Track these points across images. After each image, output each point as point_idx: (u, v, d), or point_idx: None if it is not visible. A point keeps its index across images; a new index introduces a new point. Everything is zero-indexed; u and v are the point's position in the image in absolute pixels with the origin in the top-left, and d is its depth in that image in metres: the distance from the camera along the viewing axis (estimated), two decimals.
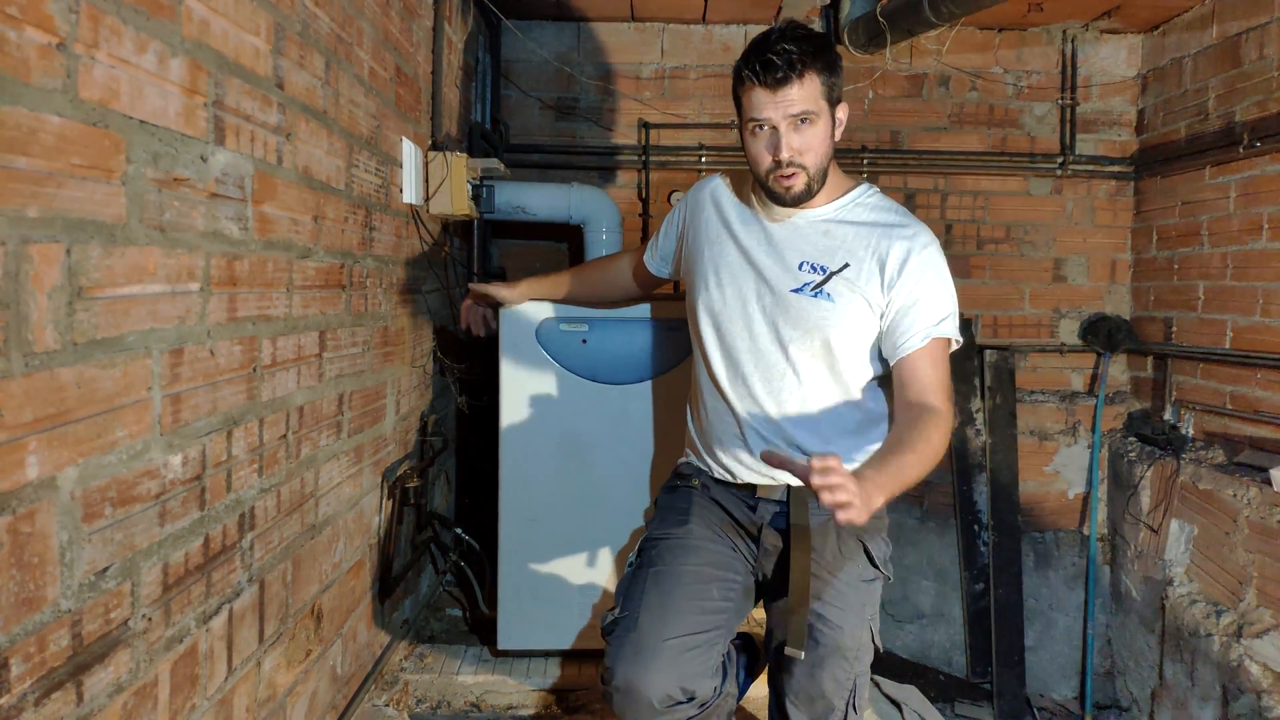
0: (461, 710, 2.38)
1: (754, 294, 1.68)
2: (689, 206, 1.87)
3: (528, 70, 3.74)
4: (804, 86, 1.54)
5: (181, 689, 1.31)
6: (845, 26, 3.62)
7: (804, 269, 1.64)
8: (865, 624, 1.69)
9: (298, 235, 1.67)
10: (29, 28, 0.95)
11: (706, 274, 1.75)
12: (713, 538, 1.73)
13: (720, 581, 1.69)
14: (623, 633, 1.61)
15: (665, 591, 1.64)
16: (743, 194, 1.78)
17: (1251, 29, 3.16)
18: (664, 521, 1.78)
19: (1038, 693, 3.82)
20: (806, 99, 1.54)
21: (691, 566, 1.68)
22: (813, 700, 1.69)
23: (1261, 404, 3.10)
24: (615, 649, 1.60)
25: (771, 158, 1.58)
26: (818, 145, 1.58)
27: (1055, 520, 3.90)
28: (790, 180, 1.59)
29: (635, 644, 1.58)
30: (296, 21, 1.62)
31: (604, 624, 1.67)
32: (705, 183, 1.87)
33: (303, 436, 1.73)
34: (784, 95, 1.53)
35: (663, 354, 2.37)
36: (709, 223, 1.80)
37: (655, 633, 1.58)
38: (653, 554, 1.72)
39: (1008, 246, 3.89)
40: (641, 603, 1.63)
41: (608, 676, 1.60)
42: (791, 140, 1.56)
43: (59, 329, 1.01)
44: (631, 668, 1.56)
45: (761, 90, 1.54)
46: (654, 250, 2.00)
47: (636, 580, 1.69)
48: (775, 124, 1.55)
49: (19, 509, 0.96)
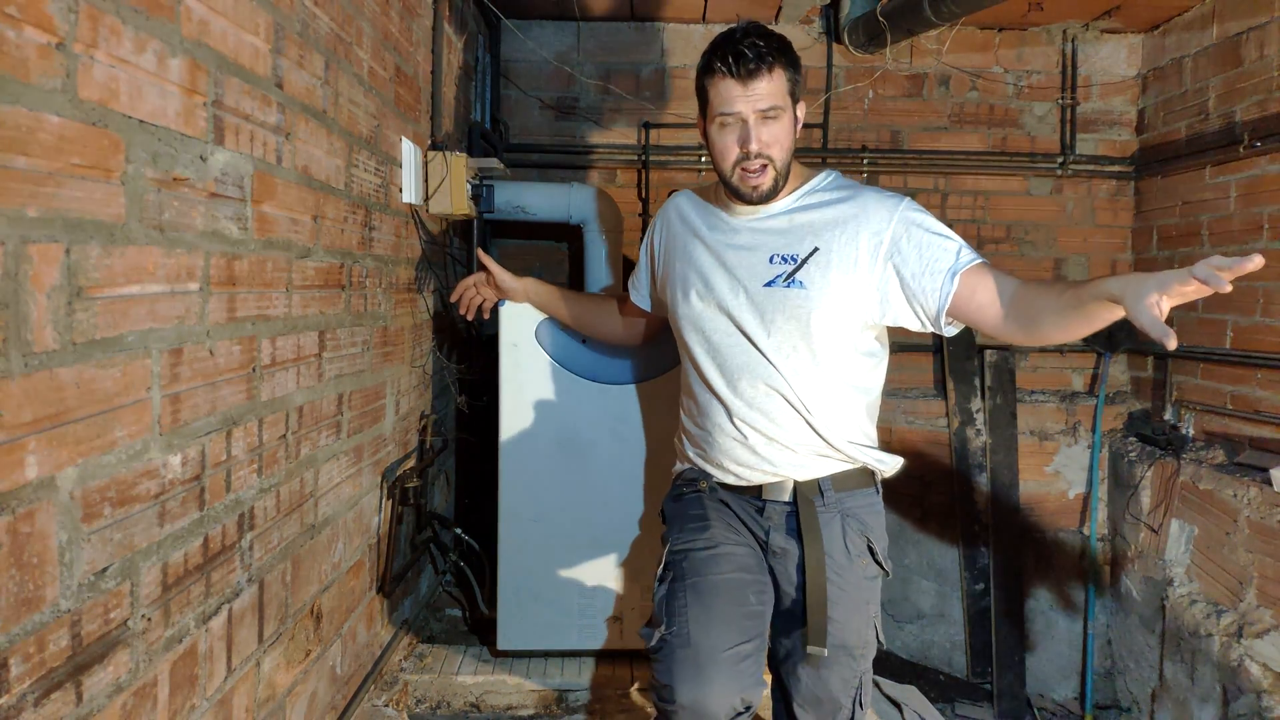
0: (461, 710, 2.38)
1: (730, 294, 1.68)
2: (656, 230, 1.90)
3: (528, 70, 3.74)
4: (772, 80, 1.57)
5: (181, 689, 1.31)
6: (845, 26, 3.62)
7: (775, 261, 1.65)
8: (869, 621, 1.70)
9: (297, 235, 1.66)
10: (28, 27, 0.94)
11: (686, 283, 1.76)
12: (736, 541, 1.72)
13: (753, 586, 1.68)
14: (675, 649, 1.59)
15: (708, 604, 1.63)
16: (708, 200, 1.81)
17: (1252, 29, 3.16)
18: (684, 530, 1.76)
19: (1038, 693, 3.82)
20: (774, 93, 1.58)
21: (727, 575, 1.67)
22: (820, 702, 1.69)
23: (1262, 404, 3.10)
24: (671, 668, 1.58)
25: (740, 149, 1.60)
26: (784, 139, 1.61)
27: (1055, 520, 3.90)
28: (757, 177, 1.61)
29: (694, 661, 1.56)
30: (296, 21, 1.61)
31: (650, 642, 1.65)
32: (669, 203, 1.89)
33: (302, 436, 1.73)
34: (754, 88, 1.56)
35: (662, 354, 2.37)
36: (677, 236, 1.82)
37: (710, 647, 1.57)
38: (685, 566, 1.69)
39: (1008, 246, 3.89)
40: (688, 617, 1.61)
41: (668, 694, 1.57)
42: (760, 133, 1.58)
43: (58, 329, 1.01)
44: (694, 686, 1.54)
45: (732, 82, 1.56)
46: (636, 286, 2.00)
47: (675, 595, 1.66)
48: (745, 117, 1.58)
49: (18, 509, 0.96)
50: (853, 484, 1.70)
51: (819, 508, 1.67)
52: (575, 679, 2.40)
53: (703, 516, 1.75)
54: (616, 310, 2.13)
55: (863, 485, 1.72)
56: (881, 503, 1.75)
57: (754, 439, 1.69)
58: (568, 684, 2.40)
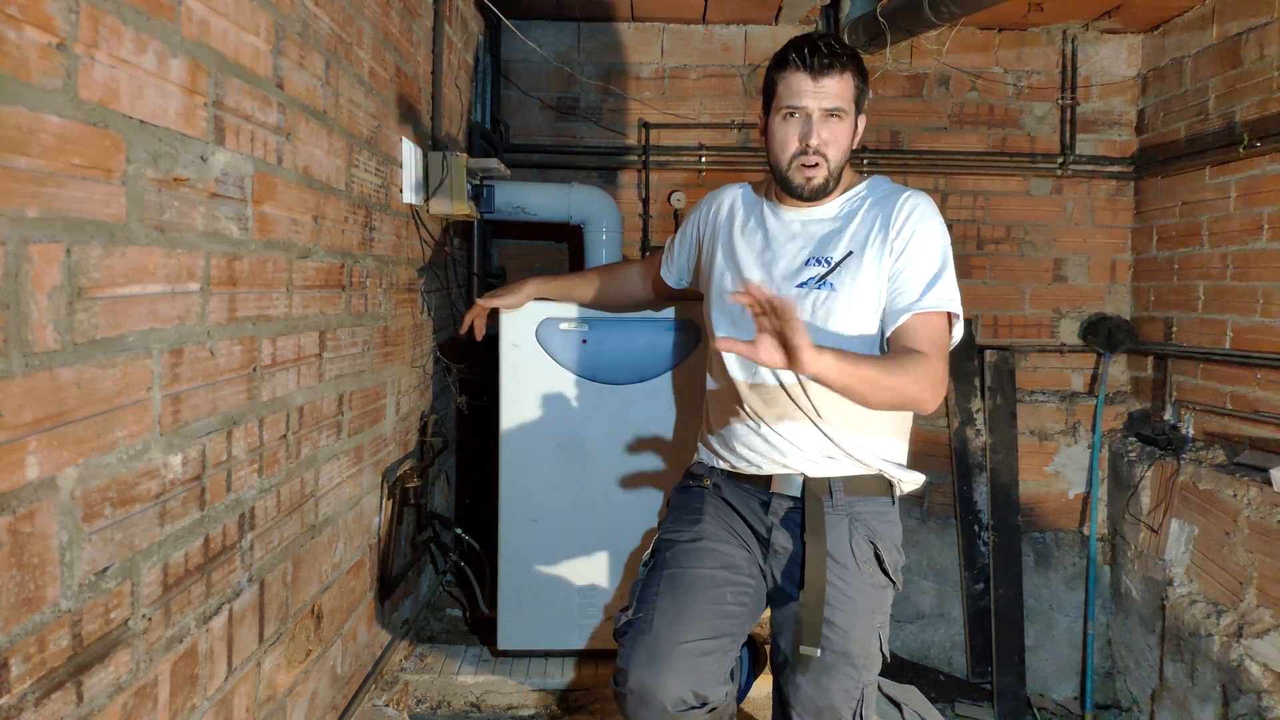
0: (461, 710, 2.38)
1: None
2: (704, 218, 1.92)
3: (528, 70, 3.74)
4: (842, 81, 1.61)
5: (181, 689, 1.31)
6: (845, 26, 3.62)
7: (810, 264, 1.68)
8: (874, 631, 1.67)
9: (298, 235, 1.66)
10: (29, 27, 0.94)
11: (723, 277, 1.79)
12: (726, 539, 1.73)
13: (734, 586, 1.68)
14: (636, 635, 1.61)
15: (680, 595, 1.64)
16: (759, 194, 1.84)
17: (1251, 29, 3.16)
18: (677, 521, 1.78)
19: (1038, 693, 3.82)
20: (842, 94, 1.62)
21: (706, 570, 1.68)
22: (820, 711, 1.66)
23: (1261, 404, 3.10)
24: (629, 651, 1.60)
25: (800, 142, 1.63)
26: (843, 140, 1.65)
27: (1055, 520, 3.91)
28: (812, 171, 1.64)
29: (650, 647, 1.58)
30: (296, 21, 1.61)
31: (617, 625, 1.67)
32: (720, 192, 1.91)
33: (303, 437, 1.73)
34: (823, 85, 1.60)
35: (662, 354, 2.37)
36: (724, 228, 1.84)
37: (670, 636, 1.58)
38: (667, 555, 1.72)
39: (1008, 246, 3.89)
40: (656, 605, 1.63)
41: (620, 679, 1.59)
42: (821, 130, 1.62)
43: (59, 329, 1.01)
44: (646, 672, 1.56)
45: (804, 75, 1.60)
46: (669, 264, 2.03)
47: (651, 582, 1.69)
48: (810, 112, 1.62)
49: (19, 509, 0.96)
50: (866, 490, 1.69)
51: (827, 508, 1.67)
52: (576, 679, 2.41)
53: (698, 510, 1.77)
54: (635, 276, 2.15)
55: (877, 493, 1.71)
56: (896, 514, 1.73)
57: (765, 429, 1.70)
58: (568, 684, 2.40)
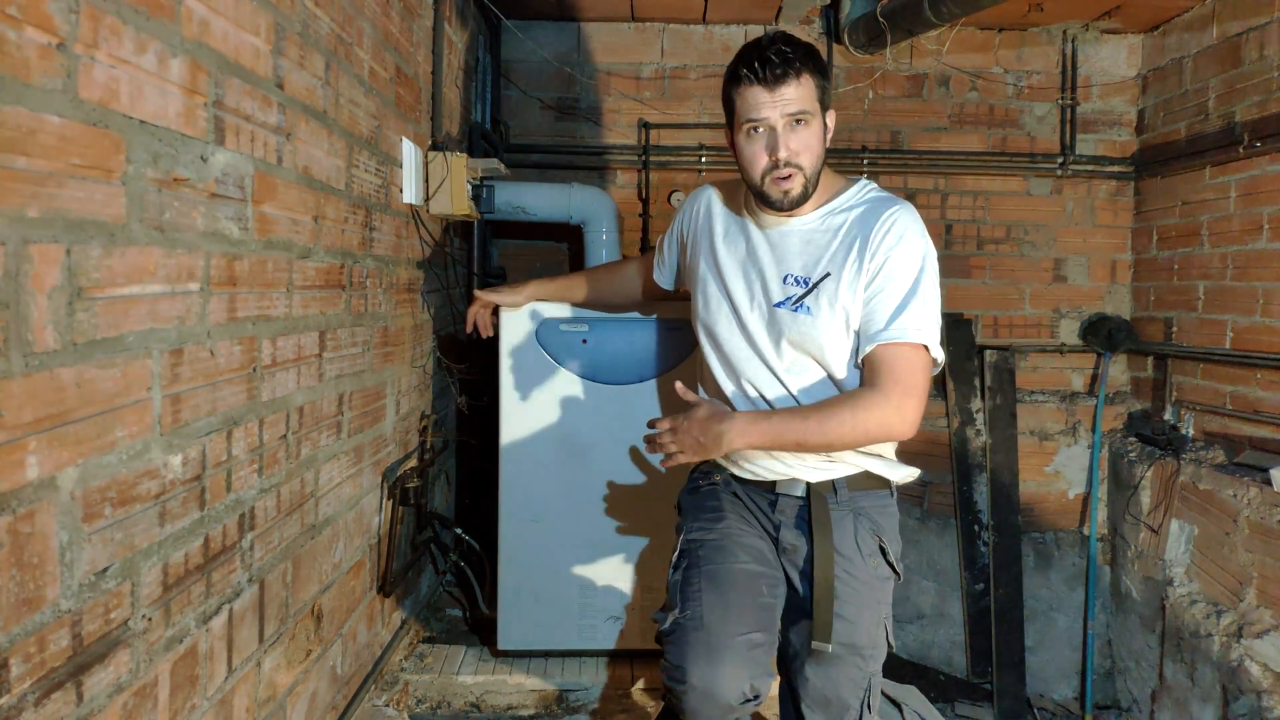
0: (461, 710, 2.38)
1: (745, 307, 1.69)
2: (686, 220, 1.89)
3: (528, 70, 3.74)
4: (800, 86, 1.54)
5: (181, 689, 1.31)
6: (845, 26, 3.62)
7: (788, 282, 1.64)
8: (880, 622, 1.70)
9: (298, 235, 1.66)
10: (29, 28, 0.95)
11: (706, 289, 1.77)
12: (750, 533, 1.74)
13: (766, 579, 1.70)
14: (689, 633, 1.60)
15: (723, 591, 1.64)
16: (733, 204, 1.78)
17: (1251, 29, 3.16)
18: (699, 520, 1.78)
19: (1038, 693, 3.82)
20: (803, 99, 1.55)
21: (740, 565, 1.68)
22: (829, 702, 1.69)
23: (1261, 404, 3.10)
24: (683, 650, 1.59)
25: (769, 158, 1.57)
26: (814, 146, 1.58)
27: (1055, 520, 3.90)
28: (787, 183, 1.58)
29: (707, 644, 1.58)
30: (296, 21, 1.61)
31: (663, 627, 1.66)
32: (697, 195, 1.87)
33: (303, 437, 1.73)
34: (781, 94, 1.54)
35: (662, 354, 2.37)
36: (703, 236, 1.81)
37: (724, 631, 1.58)
38: (699, 554, 1.71)
39: (1008, 246, 3.89)
40: (703, 602, 1.63)
41: (680, 675, 1.58)
42: (789, 140, 1.55)
43: (59, 329, 1.01)
44: (708, 668, 1.56)
45: (759, 88, 1.54)
46: (661, 267, 2.02)
47: (690, 582, 1.68)
48: (773, 124, 1.55)
49: (19, 509, 0.96)
50: (866, 485, 1.71)
51: (832, 505, 1.68)
52: (576, 679, 2.41)
53: (718, 508, 1.77)
54: (633, 275, 2.14)
55: (876, 487, 1.72)
56: (895, 505, 1.75)
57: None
58: (568, 684, 2.40)
